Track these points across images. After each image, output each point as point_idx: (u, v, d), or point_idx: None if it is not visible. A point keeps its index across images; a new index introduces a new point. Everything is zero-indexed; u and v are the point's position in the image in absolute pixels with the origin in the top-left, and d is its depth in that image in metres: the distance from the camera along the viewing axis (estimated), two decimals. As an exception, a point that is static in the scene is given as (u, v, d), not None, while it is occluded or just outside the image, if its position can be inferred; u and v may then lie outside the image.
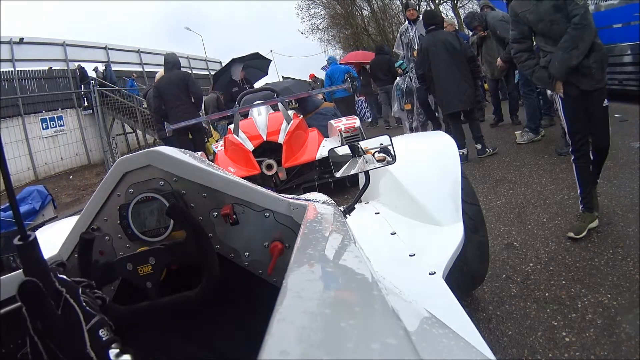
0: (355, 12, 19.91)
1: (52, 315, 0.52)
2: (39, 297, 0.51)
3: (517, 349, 1.51)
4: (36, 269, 0.53)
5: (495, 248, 2.23)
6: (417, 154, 1.67)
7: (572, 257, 2.01)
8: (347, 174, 1.19)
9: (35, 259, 0.54)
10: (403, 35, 4.98)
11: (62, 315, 0.52)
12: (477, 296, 1.87)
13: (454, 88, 3.85)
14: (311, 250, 0.53)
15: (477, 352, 0.46)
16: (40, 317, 0.52)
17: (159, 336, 0.89)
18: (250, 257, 0.83)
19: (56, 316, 0.52)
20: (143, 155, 0.81)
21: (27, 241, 0.53)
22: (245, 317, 0.91)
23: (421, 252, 1.18)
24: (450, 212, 1.40)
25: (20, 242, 0.53)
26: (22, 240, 0.53)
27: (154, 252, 0.78)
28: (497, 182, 3.35)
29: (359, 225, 1.24)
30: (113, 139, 10.86)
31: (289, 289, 0.38)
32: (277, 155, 3.86)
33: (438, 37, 3.91)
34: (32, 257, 0.54)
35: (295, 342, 0.28)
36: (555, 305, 1.69)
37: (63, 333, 0.52)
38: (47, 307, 0.52)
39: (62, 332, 0.52)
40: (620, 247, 1.97)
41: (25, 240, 0.53)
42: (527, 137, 4.23)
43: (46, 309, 0.52)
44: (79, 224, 0.82)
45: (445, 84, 3.88)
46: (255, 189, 0.83)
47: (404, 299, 0.61)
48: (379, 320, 0.35)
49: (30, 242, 0.53)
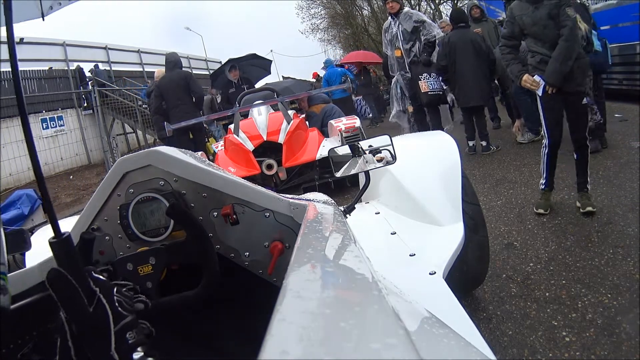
0: (356, 12, 19.88)
1: (84, 311, 0.52)
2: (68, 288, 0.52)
3: (518, 348, 1.51)
4: (70, 267, 0.53)
5: (495, 248, 2.23)
6: (417, 153, 1.67)
7: (573, 257, 2.01)
8: (347, 174, 1.19)
9: (70, 257, 0.54)
10: (387, 32, 4.83)
11: (93, 313, 0.53)
12: (478, 296, 1.87)
13: (476, 85, 4.20)
14: (311, 250, 0.53)
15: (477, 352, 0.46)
16: (70, 310, 0.52)
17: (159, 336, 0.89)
18: (250, 257, 0.83)
19: (87, 313, 0.52)
20: (143, 155, 0.81)
21: (60, 239, 0.53)
22: (245, 317, 0.91)
23: (421, 252, 1.18)
24: (450, 212, 1.40)
25: (55, 240, 0.53)
26: (56, 238, 0.53)
27: (154, 252, 0.78)
28: (498, 182, 3.35)
29: (359, 225, 1.24)
30: (113, 139, 10.86)
31: (289, 289, 0.38)
32: (277, 155, 3.86)
33: (468, 35, 4.24)
34: (66, 255, 0.54)
35: (296, 342, 0.28)
36: (556, 305, 1.69)
37: (91, 331, 0.52)
38: (78, 302, 0.52)
39: (90, 330, 0.53)
40: (620, 247, 1.97)
41: (59, 237, 0.53)
42: (528, 137, 4.24)
43: (77, 304, 0.52)
44: (79, 224, 0.82)
45: (468, 80, 4.21)
46: (256, 189, 0.83)
47: (404, 299, 0.61)
48: (379, 320, 0.35)
49: (64, 239, 0.54)
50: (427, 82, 4.52)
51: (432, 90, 4.52)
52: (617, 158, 3.14)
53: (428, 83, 4.52)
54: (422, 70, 4.56)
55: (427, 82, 4.52)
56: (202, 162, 0.86)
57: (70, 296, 0.52)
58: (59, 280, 0.52)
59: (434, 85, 4.51)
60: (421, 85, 4.55)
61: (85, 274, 0.54)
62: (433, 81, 4.51)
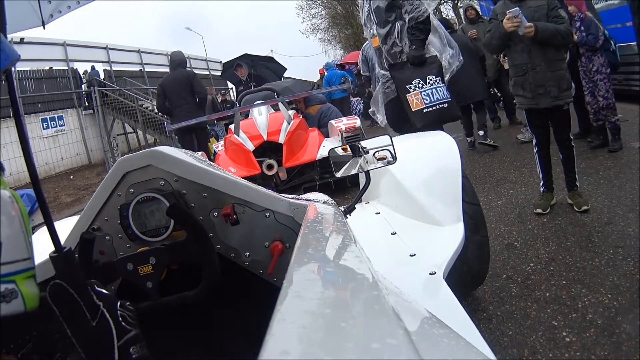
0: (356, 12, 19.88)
1: (86, 325, 0.52)
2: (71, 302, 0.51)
3: (518, 349, 1.51)
4: (72, 281, 0.52)
5: (495, 248, 2.23)
6: (417, 154, 1.67)
7: (573, 257, 2.00)
8: (348, 174, 1.19)
9: (71, 271, 0.53)
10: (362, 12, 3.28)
11: (96, 328, 0.52)
12: (478, 296, 1.87)
13: (472, 83, 4.26)
14: (312, 250, 0.53)
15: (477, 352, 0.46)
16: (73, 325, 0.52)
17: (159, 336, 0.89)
18: (250, 257, 0.83)
19: (90, 327, 0.52)
20: (144, 155, 0.81)
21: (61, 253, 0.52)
22: (245, 317, 0.91)
23: (422, 252, 1.18)
24: (450, 212, 1.40)
25: (55, 254, 0.52)
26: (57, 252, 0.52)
27: (155, 252, 0.78)
28: (498, 182, 3.35)
29: (359, 225, 1.24)
30: (113, 138, 10.87)
31: (289, 289, 0.38)
32: (278, 155, 3.86)
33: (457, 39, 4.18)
34: (67, 269, 0.53)
35: (296, 342, 0.28)
36: (556, 305, 1.69)
37: (94, 345, 0.52)
38: (81, 317, 0.52)
39: (94, 345, 0.52)
40: (620, 247, 1.97)
41: (60, 252, 0.52)
42: (529, 136, 4.24)
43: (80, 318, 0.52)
44: (79, 224, 0.82)
45: (464, 80, 4.18)
46: (256, 189, 0.83)
47: (405, 299, 0.61)
48: (380, 320, 0.35)
49: (65, 253, 0.53)
50: (420, 94, 2.85)
51: (432, 104, 2.86)
52: (617, 158, 3.14)
53: (422, 94, 2.85)
54: (410, 75, 2.88)
55: (421, 92, 2.85)
56: (202, 162, 0.86)
57: (73, 310, 0.51)
58: (61, 294, 0.51)
59: (433, 95, 2.87)
60: (410, 100, 2.86)
61: (87, 288, 0.54)
62: (431, 89, 2.86)
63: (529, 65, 2.38)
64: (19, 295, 0.48)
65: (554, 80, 2.35)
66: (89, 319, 0.52)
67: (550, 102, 2.37)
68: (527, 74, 2.40)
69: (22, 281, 0.48)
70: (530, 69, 2.38)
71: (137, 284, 0.78)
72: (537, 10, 2.34)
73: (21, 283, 0.48)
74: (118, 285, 0.83)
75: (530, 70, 2.38)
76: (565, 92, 2.37)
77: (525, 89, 2.43)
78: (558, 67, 2.37)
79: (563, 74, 2.37)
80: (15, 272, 0.48)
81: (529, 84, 2.40)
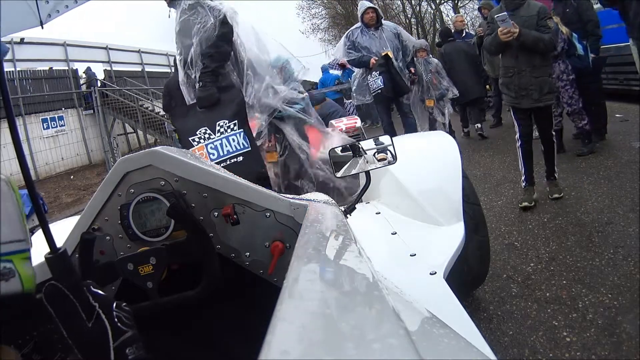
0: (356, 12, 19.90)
1: (82, 326, 0.52)
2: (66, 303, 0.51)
3: (518, 348, 1.51)
4: (68, 282, 0.52)
5: (496, 248, 2.23)
6: (417, 153, 1.67)
7: (573, 257, 2.00)
8: (348, 174, 1.19)
9: (66, 271, 0.53)
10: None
11: (92, 329, 0.52)
12: (478, 296, 1.87)
13: (472, 82, 4.98)
14: (312, 250, 0.53)
15: (477, 352, 0.46)
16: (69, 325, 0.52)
17: (160, 336, 0.89)
18: (251, 257, 0.83)
19: (86, 328, 0.52)
20: (144, 155, 0.81)
21: (56, 254, 0.52)
22: (245, 317, 0.91)
23: (422, 252, 1.18)
24: (451, 212, 1.40)
25: (50, 255, 0.52)
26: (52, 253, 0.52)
27: (155, 252, 0.78)
28: (498, 182, 3.35)
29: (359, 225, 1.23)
30: (114, 139, 10.88)
31: (289, 289, 0.38)
32: (278, 155, 3.85)
33: (457, 45, 5.15)
34: (63, 269, 0.53)
35: (296, 342, 0.28)
36: (556, 305, 1.69)
37: (90, 346, 0.52)
38: (76, 318, 0.52)
39: (89, 346, 0.52)
40: (621, 247, 1.97)
41: (55, 253, 0.52)
42: None
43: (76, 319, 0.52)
44: (79, 224, 0.82)
45: (464, 80, 4.93)
46: (256, 189, 0.83)
47: (405, 299, 0.61)
48: (380, 320, 0.35)
49: (60, 254, 0.53)
50: (206, 147, 2.52)
51: (220, 159, 2.46)
52: (617, 158, 3.14)
53: (208, 147, 2.47)
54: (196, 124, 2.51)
55: (207, 145, 2.45)
56: (202, 162, 0.86)
57: (69, 311, 0.51)
58: (57, 295, 0.51)
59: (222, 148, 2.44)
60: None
61: (83, 289, 0.53)
62: (220, 140, 2.42)
63: (516, 69, 2.58)
64: (17, 275, 0.49)
65: (537, 85, 2.55)
66: (85, 319, 0.52)
67: (531, 104, 2.60)
68: (513, 76, 2.60)
69: (19, 262, 0.49)
70: (517, 72, 2.58)
71: (137, 284, 0.78)
72: (528, 19, 2.52)
73: (18, 263, 0.49)
74: (118, 285, 0.83)
75: (516, 74, 2.59)
76: (546, 96, 2.58)
77: (510, 89, 2.65)
78: (542, 73, 2.57)
79: (546, 80, 2.58)
80: (12, 252, 0.49)
81: (514, 86, 2.61)
